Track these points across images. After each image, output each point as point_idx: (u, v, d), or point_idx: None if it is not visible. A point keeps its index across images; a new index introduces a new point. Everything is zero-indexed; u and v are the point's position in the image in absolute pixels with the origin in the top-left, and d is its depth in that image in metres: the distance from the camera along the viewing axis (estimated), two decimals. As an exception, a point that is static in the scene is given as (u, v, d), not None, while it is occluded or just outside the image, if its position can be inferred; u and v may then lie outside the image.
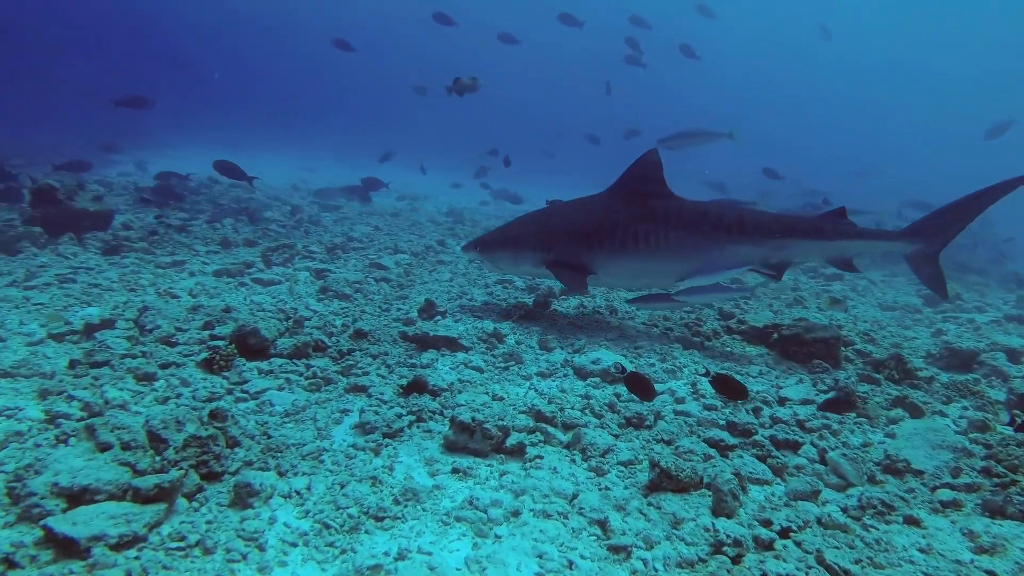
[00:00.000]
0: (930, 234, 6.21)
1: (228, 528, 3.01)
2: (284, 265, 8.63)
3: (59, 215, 9.07)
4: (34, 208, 9.06)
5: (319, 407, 4.41)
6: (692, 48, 19.45)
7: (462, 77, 9.32)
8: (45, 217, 8.99)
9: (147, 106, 12.12)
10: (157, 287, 7.10)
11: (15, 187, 11.03)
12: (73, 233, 9.07)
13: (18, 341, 5.20)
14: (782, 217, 6.47)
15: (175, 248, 9.30)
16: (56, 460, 3.21)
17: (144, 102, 12.12)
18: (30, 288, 6.73)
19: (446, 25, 16.92)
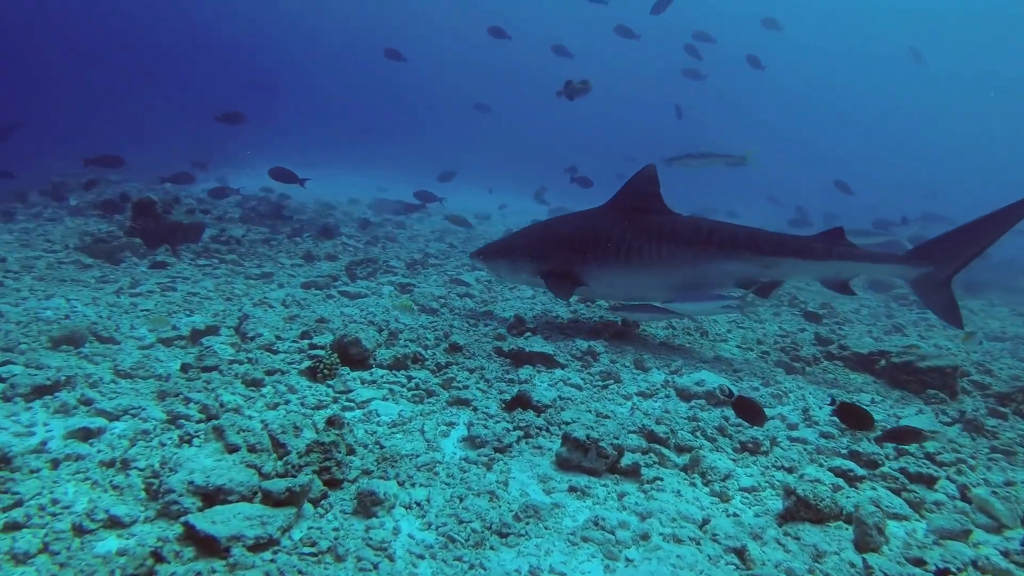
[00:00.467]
0: (940, 257, 5.78)
1: (355, 536, 2.99)
2: (368, 279, 8.76)
3: (157, 227, 9.46)
4: (134, 220, 9.49)
5: (425, 419, 4.39)
6: (758, 58, 19.07)
7: (573, 80, 9.32)
8: (144, 229, 9.39)
9: (243, 122, 12.69)
10: (251, 297, 7.29)
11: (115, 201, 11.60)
12: (168, 244, 9.44)
13: (131, 344, 5.39)
14: (773, 235, 6.24)
15: (262, 261, 9.58)
16: (189, 459, 3.26)
17: (240, 118, 12.69)
18: (136, 295, 7.00)
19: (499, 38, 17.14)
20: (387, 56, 17.51)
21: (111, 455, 3.54)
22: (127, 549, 2.74)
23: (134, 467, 3.42)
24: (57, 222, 10.98)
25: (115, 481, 3.30)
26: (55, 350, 5.06)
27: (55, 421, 3.97)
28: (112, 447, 3.66)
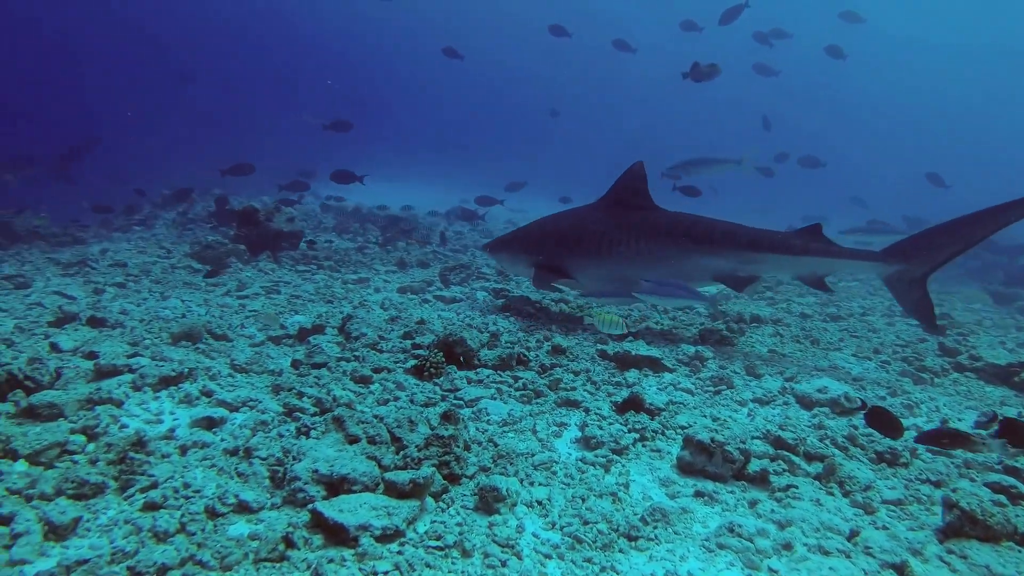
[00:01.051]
0: (914, 256, 5.72)
1: (479, 532, 2.90)
2: (461, 284, 8.78)
3: (259, 235, 9.84)
4: (239, 228, 9.91)
5: (535, 419, 4.28)
6: (840, 48, 18.12)
7: (700, 63, 9.13)
8: (248, 236, 9.78)
9: (350, 130, 13.14)
10: (350, 300, 7.42)
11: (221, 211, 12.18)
12: (270, 251, 9.79)
13: (243, 342, 5.56)
14: (752, 230, 6.19)
15: (356, 267, 9.78)
16: (312, 448, 3.27)
17: (348, 126, 13.15)
18: (243, 297, 7.25)
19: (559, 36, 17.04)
20: (445, 54, 17.78)
21: (234, 444, 3.60)
22: (258, 534, 2.75)
23: (256, 456, 3.46)
24: (169, 230, 11.62)
25: (240, 468, 3.34)
26: (175, 345, 5.26)
27: (180, 410, 4.10)
28: (234, 436, 3.73)
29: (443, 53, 17.47)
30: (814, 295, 10.47)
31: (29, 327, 5.58)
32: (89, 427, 3.65)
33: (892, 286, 5.96)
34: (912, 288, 5.82)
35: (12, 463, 3.26)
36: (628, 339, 6.36)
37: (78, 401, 3.94)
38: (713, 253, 6.10)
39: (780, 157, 18.29)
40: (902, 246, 5.82)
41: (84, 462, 3.37)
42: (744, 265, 6.13)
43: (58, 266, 8.48)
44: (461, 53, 16.90)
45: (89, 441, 3.59)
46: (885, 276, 5.94)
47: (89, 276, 7.96)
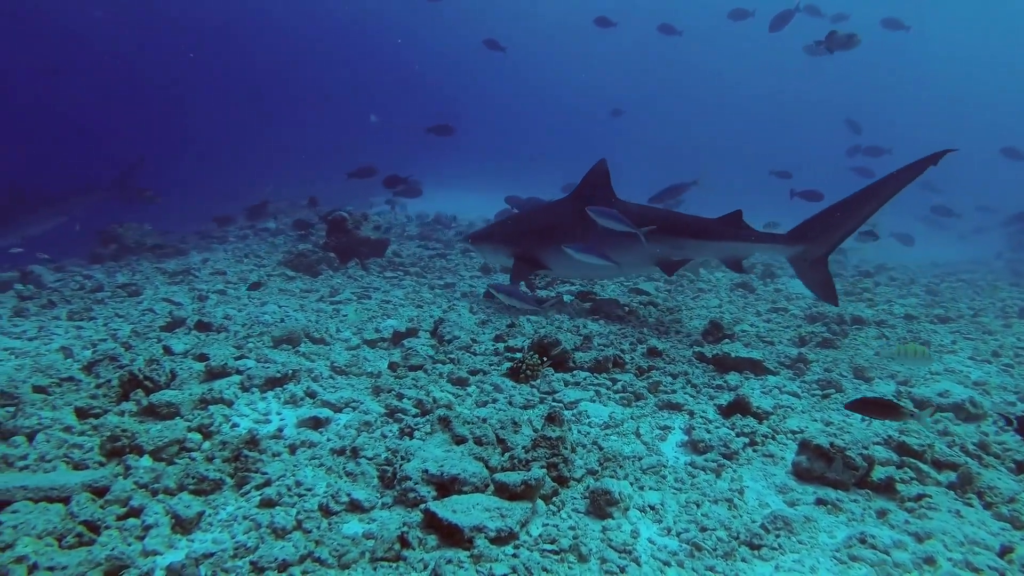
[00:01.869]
0: (813, 238, 6.04)
1: (594, 536, 2.79)
2: (546, 289, 8.70)
3: (348, 243, 10.06)
4: (328, 236, 10.17)
5: (637, 421, 4.14)
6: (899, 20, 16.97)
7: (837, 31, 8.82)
8: (337, 245, 10.02)
9: (452, 133, 13.34)
10: (439, 304, 7.46)
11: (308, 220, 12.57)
12: (358, 259, 10.00)
13: (340, 345, 5.65)
14: (683, 218, 6.78)
15: (442, 273, 9.85)
16: (420, 449, 3.24)
17: (450, 130, 13.34)
18: (336, 303, 7.41)
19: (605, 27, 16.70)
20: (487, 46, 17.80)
21: (340, 444, 3.63)
22: (373, 533, 2.73)
23: (363, 456, 3.47)
24: (261, 240, 12.07)
25: (348, 468, 3.35)
26: (277, 348, 5.39)
27: (286, 410, 4.19)
28: (340, 436, 3.76)
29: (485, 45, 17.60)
30: (915, 296, 9.84)
31: (144, 331, 5.87)
32: (204, 425, 3.77)
33: (795, 265, 6.35)
34: (814, 267, 6.17)
35: (138, 458, 3.38)
36: (724, 341, 6.12)
37: (193, 400, 4.08)
38: (652, 241, 6.30)
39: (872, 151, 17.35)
40: (803, 228, 6.12)
41: (201, 459, 3.46)
42: (675, 250, 6.62)
43: (165, 275, 8.93)
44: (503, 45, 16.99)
45: (205, 439, 3.70)
46: (789, 257, 6.33)
47: (193, 284, 8.33)
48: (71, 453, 3.44)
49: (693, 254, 6.72)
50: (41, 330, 5.92)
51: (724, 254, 6.54)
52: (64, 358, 5.14)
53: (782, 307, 8.29)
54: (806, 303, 8.73)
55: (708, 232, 6.47)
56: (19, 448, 3.46)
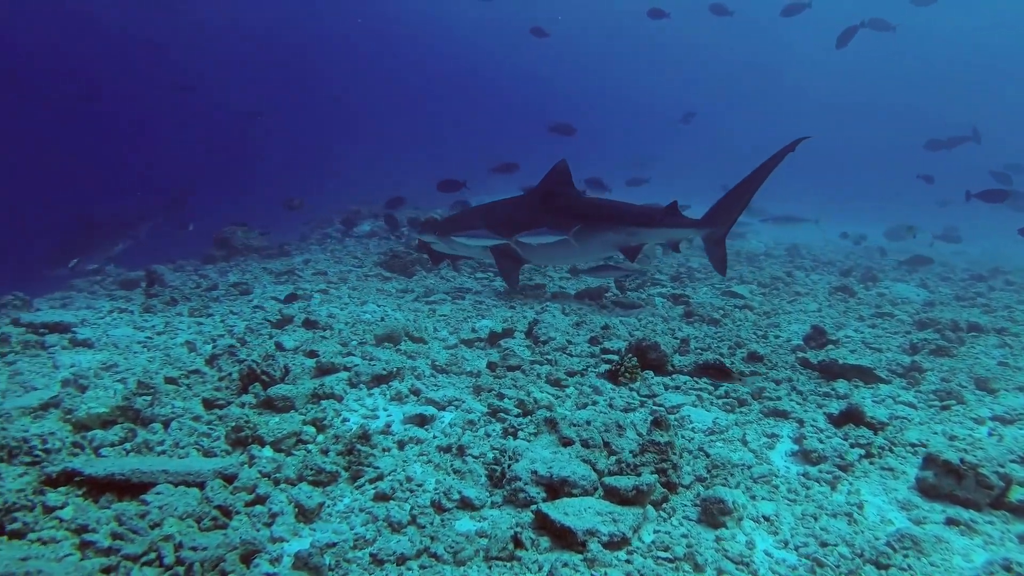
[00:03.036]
0: (718, 220, 7.08)
1: (708, 546, 2.69)
2: (637, 291, 8.55)
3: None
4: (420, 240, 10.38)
5: (743, 428, 3.98)
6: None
7: None
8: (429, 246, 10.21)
9: (573, 133, 13.46)
10: (531, 305, 7.46)
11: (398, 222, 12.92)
12: (449, 260, 10.15)
13: (438, 344, 5.74)
14: (634, 208, 7.56)
15: (532, 274, 9.86)
16: (527, 450, 3.24)
17: (571, 130, 13.46)
18: (431, 302, 7.55)
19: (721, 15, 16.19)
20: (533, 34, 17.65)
21: (447, 441, 3.67)
22: (485, 531, 2.74)
23: (469, 454, 3.50)
24: (358, 242, 12.46)
25: (455, 465, 3.39)
26: (379, 346, 5.53)
27: (392, 407, 4.28)
28: (445, 434, 3.81)
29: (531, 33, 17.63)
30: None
31: (256, 328, 6.16)
32: (318, 419, 3.90)
33: (706, 245, 7.41)
34: (717, 245, 7.25)
35: (260, 448, 3.54)
36: (828, 347, 5.83)
37: (306, 395, 4.24)
38: (612, 229, 7.33)
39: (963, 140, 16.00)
40: (710, 213, 7.16)
41: (316, 451, 3.59)
42: (629, 237, 7.41)
43: (271, 275, 9.37)
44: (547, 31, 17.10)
45: (319, 432, 3.83)
46: (703, 237, 7.34)
47: (298, 283, 8.70)
48: (201, 441, 3.64)
49: (643, 239, 7.55)
50: (167, 325, 6.32)
51: (662, 239, 7.57)
52: (188, 352, 5.46)
53: (887, 312, 7.82)
54: (913, 308, 8.20)
55: (651, 221, 7.35)
56: (157, 434, 3.70)
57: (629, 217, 7.41)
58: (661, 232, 7.38)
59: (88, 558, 2.50)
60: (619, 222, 7.36)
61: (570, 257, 7.91)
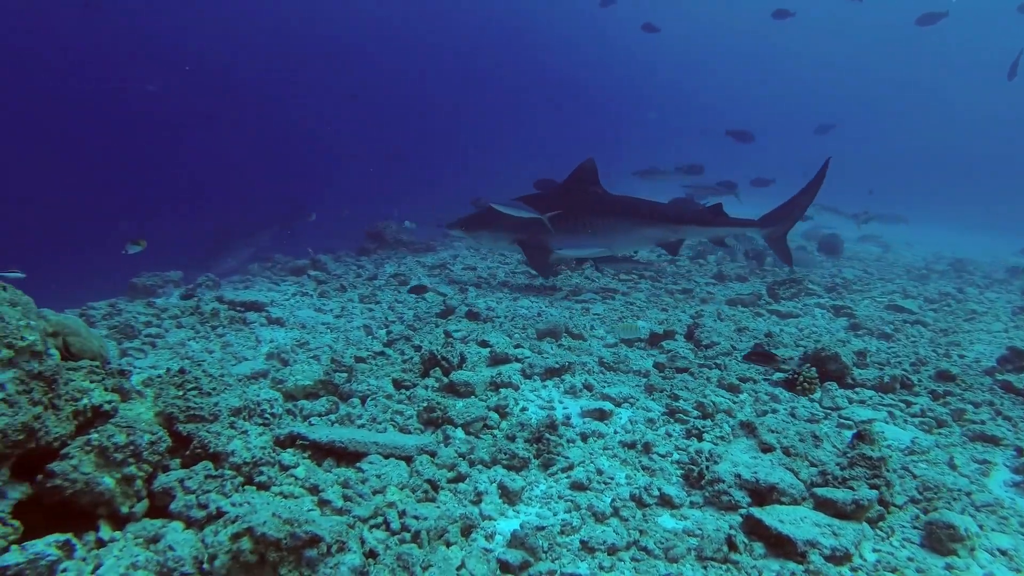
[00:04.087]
0: (778, 221, 7.81)
1: (938, 574, 2.46)
2: (793, 300, 8.10)
3: (583, 244, 10.23)
4: (565, 238, 10.42)
5: (946, 450, 3.64)
6: None
7: None
8: (573, 245, 10.23)
9: (752, 140, 13.19)
10: (682, 308, 7.27)
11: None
12: (592, 261, 10.11)
13: (597, 343, 5.71)
14: (678, 208, 8.14)
15: (675, 278, 9.62)
16: (727, 453, 3.13)
17: (749, 137, 13.20)
18: (581, 301, 7.54)
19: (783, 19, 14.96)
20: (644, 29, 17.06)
21: (629, 437, 3.63)
22: (691, 530, 2.67)
23: (655, 452, 3.44)
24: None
25: (643, 462, 3.34)
26: (541, 341, 5.58)
27: (567, 400, 4.30)
28: (627, 430, 3.77)
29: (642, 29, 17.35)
30: None
31: (424, 316, 6.42)
32: (501, 406, 3.98)
33: (768, 241, 8.09)
34: (780, 242, 7.96)
35: (454, 430, 3.66)
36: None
37: (485, 382, 4.34)
38: (652, 226, 7.76)
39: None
40: (770, 216, 7.81)
41: (501, 436, 3.66)
42: (671, 233, 7.86)
43: (424, 268, 9.75)
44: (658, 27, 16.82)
45: (502, 419, 3.90)
46: (764, 236, 8.03)
47: (451, 276, 8.99)
48: (395, 418, 3.82)
49: (688, 236, 8.00)
50: (343, 310, 6.74)
51: (712, 236, 8.03)
52: (366, 335, 5.78)
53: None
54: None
55: (700, 220, 7.78)
56: (356, 408, 3.93)
57: (671, 215, 7.88)
58: (710, 231, 7.92)
59: (326, 515, 2.68)
60: (660, 219, 7.77)
61: (611, 250, 7.97)
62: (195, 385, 3.12)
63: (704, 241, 9.60)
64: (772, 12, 16.75)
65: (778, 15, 16.51)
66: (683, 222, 7.83)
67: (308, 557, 2.06)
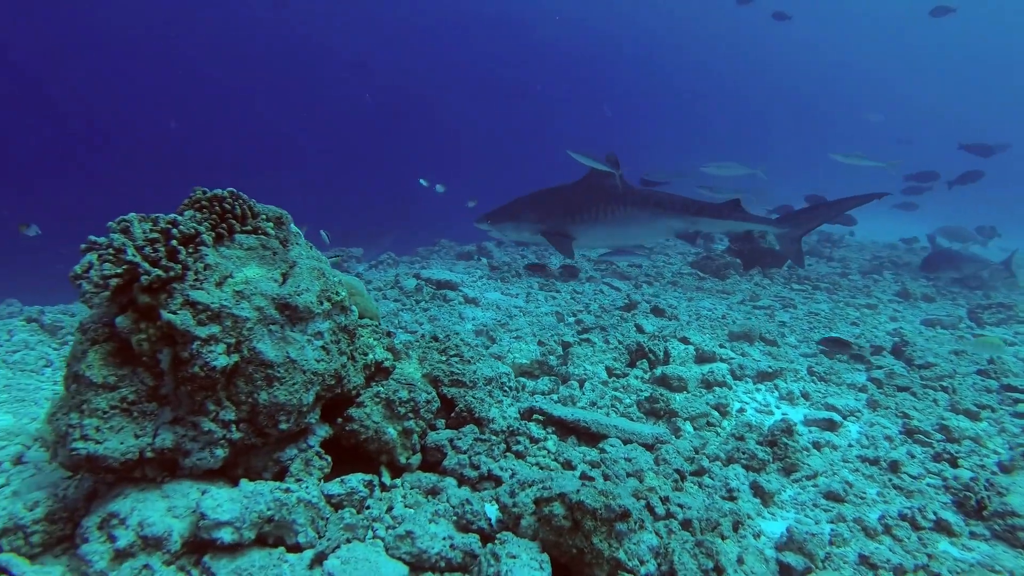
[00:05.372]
0: (795, 223, 8.05)
1: None
2: (1000, 326, 7.23)
3: (752, 251, 9.74)
4: (732, 242, 9.97)
5: None
6: None
7: None
8: (741, 251, 9.77)
9: (991, 155, 12.24)
10: (870, 324, 6.70)
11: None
12: (760, 267, 9.60)
13: (791, 351, 5.36)
14: (695, 202, 7.98)
15: (853, 292, 8.92)
16: (1016, 486, 2.80)
17: (990, 151, 12.28)
18: (760, 307, 7.16)
19: None
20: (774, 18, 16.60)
21: (869, 453, 3.36)
22: (985, 563, 2.40)
23: (904, 471, 3.15)
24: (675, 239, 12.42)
25: (894, 481, 3.06)
26: (734, 343, 5.33)
27: (784, 406, 4.07)
28: (862, 445, 3.49)
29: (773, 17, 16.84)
30: None
31: (608, 308, 6.35)
32: (721, 405, 3.83)
33: (780, 240, 8.22)
34: (793, 242, 8.09)
35: (683, 422, 3.56)
36: None
37: (696, 379, 4.20)
38: (673, 216, 7.77)
39: None
40: (788, 217, 8.15)
41: (725, 435, 3.51)
42: (691, 225, 7.86)
43: (590, 262, 9.70)
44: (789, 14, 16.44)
45: (723, 417, 3.75)
46: (778, 235, 8.17)
47: (619, 272, 8.88)
48: (615, 404, 3.78)
49: (705, 228, 7.98)
50: (528, 297, 6.83)
51: (731, 229, 8.25)
52: (557, 321, 5.80)
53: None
54: None
55: (719, 213, 7.77)
56: (575, 390, 3.93)
57: (692, 208, 7.87)
58: (728, 224, 7.97)
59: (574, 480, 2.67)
60: (681, 211, 7.78)
61: (629, 240, 8.17)
62: (457, 352, 3.24)
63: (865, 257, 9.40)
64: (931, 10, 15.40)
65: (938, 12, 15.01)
66: (700, 214, 7.87)
67: (618, 530, 2.04)
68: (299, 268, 2.61)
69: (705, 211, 7.97)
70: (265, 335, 2.40)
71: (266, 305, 2.42)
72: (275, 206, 2.86)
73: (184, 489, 2.31)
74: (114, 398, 2.27)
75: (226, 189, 2.61)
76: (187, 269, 2.34)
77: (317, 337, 2.53)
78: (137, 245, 2.29)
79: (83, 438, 2.20)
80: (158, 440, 2.29)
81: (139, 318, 2.29)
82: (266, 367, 2.38)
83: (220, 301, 2.32)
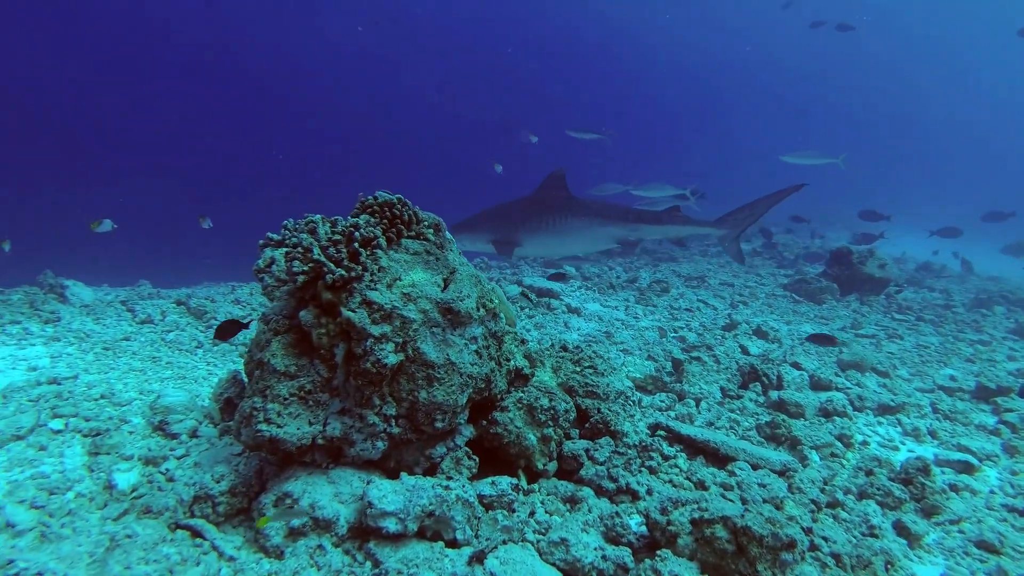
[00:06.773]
0: (733, 223, 8.01)
1: None
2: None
3: (850, 276, 9.26)
4: (829, 267, 9.52)
5: None
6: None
7: None
8: (838, 276, 9.31)
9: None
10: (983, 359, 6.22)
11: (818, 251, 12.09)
12: (858, 293, 9.12)
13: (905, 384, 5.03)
14: (635, 209, 8.15)
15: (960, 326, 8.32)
16: None
17: None
18: (863, 335, 6.78)
19: None
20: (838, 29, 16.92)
21: (1015, 503, 3.09)
22: None
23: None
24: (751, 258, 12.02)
25: (1047, 534, 2.80)
26: (844, 372, 5.06)
27: (909, 441, 3.83)
28: (1006, 493, 3.22)
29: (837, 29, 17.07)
30: None
31: (709, 327, 6.18)
32: (845, 436, 3.63)
33: (722, 241, 8.27)
34: (733, 243, 8.22)
35: (809, 451, 3.40)
36: None
37: (815, 407, 4.01)
38: (613, 224, 7.72)
39: None
40: (726, 218, 8.02)
41: (850, 467, 3.32)
42: (631, 232, 7.82)
43: (681, 278, 9.49)
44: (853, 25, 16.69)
45: (846, 449, 3.56)
46: (719, 236, 8.21)
47: (714, 291, 8.63)
48: (733, 426, 3.65)
49: (645, 235, 7.99)
50: (627, 310, 6.74)
51: (669, 235, 8.11)
52: (659, 336, 5.69)
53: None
54: None
55: (657, 220, 7.87)
56: (691, 408, 3.83)
57: (630, 216, 7.88)
58: (666, 230, 7.98)
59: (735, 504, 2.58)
60: (620, 219, 7.77)
61: (571, 248, 8.20)
62: (591, 364, 3.21)
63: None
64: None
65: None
66: (639, 221, 7.93)
67: (783, 559, 1.96)
68: (460, 274, 2.65)
69: (644, 218, 8.09)
70: (428, 337, 2.45)
71: (430, 308, 2.47)
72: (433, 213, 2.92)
73: (348, 477, 2.39)
74: (293, 386, 2.37)
75: (394, 195, 2.69)
76: (365, 270, 2.42)
77: (472, 341, 2.57)
78: (322, 245, 2.39)
79: (267, 421, 2.30)
80: (328, 428, 2.38)
81: (320, 313, 2.39)
82: (428, 367, 2.43)
83: (391, 302, 2.38)
